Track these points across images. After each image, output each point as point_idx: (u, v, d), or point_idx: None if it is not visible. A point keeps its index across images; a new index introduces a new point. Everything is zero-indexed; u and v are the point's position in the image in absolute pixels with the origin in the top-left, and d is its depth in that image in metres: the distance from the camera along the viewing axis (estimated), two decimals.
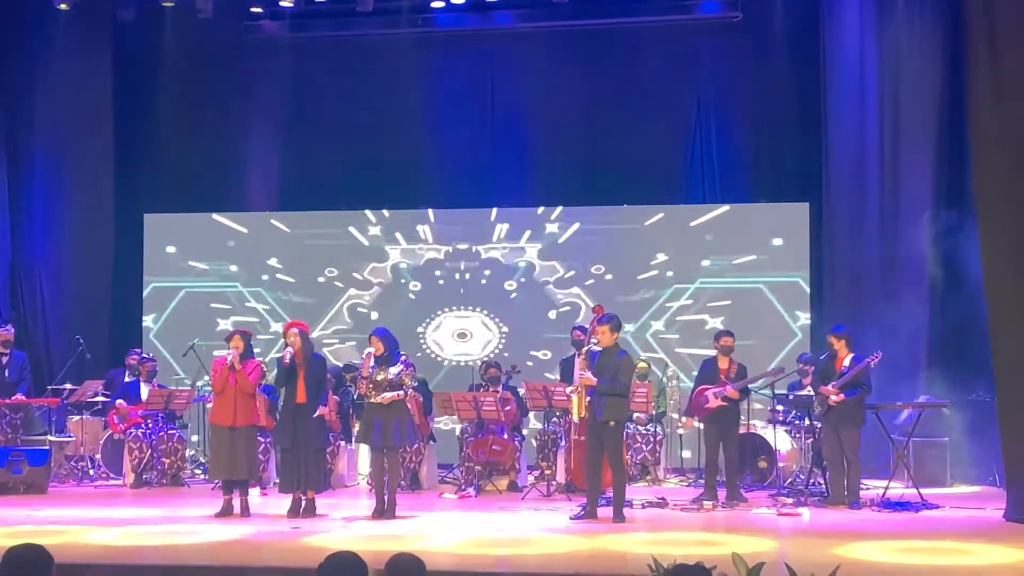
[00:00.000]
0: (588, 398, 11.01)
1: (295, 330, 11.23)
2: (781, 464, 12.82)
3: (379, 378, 11.11)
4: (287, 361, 11.05)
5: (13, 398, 13.68)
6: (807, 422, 12.67)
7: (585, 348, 11.42)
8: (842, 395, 11.60)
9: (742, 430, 12.81)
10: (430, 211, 15.97)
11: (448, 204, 16.01)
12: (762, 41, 15.37)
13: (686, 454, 14.40)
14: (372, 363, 11.15)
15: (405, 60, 16.03)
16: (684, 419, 12.77)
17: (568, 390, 11.74)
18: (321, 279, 16.01)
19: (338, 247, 16.02)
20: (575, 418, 11.70)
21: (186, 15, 15.29)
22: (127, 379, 14.18)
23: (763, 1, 15.15)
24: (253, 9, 15.95)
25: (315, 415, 11.16)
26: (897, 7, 14.25)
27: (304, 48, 16.29)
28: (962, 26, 11.88)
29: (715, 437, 12.12)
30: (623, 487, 10.87)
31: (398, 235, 15.96)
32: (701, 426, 12.66)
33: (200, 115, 16.30)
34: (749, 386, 12.36)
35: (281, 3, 15.14)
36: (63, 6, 14.73)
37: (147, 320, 16.09)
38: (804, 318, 14.96)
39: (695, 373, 12.91)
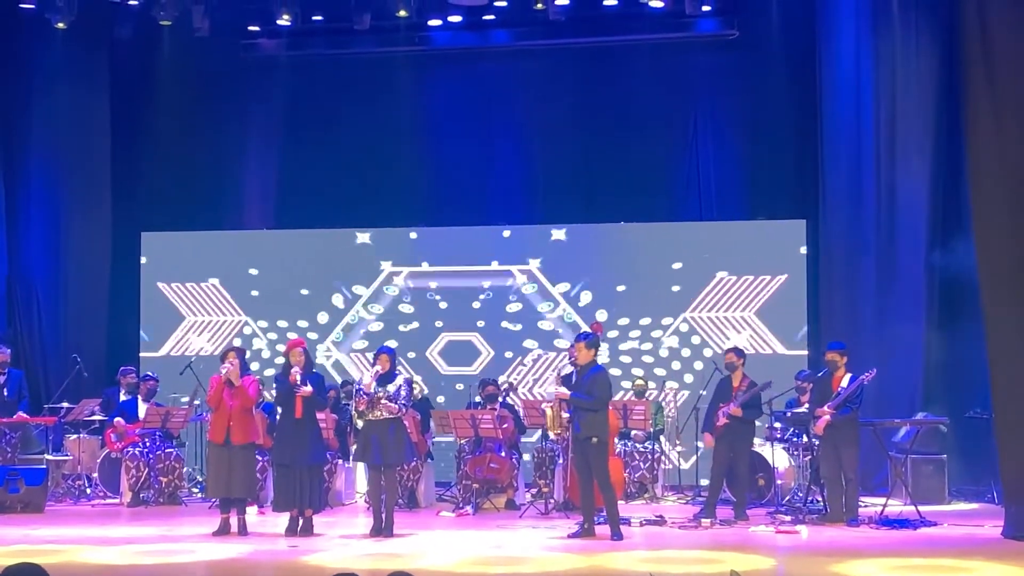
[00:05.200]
0: (568, 414, 11.07)
1: (298, 349, 11.23)
2: (779, 481, 12.80)
3: (379, 395, 11.11)
4: (297, 380, 11.01)
5: (16, 416, 13.68)
6: (805, 439, 12.66)
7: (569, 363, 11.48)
8: (827, 416, 11.59)
9: None
10: (427, 229, 15.97)
11: (445, 222, 16.01)
12: (759, 59, 15.41)
13: (683, 471, 14.39)
14: (375, 380, 11.16)
15: (402, 78, 16.09)
16: (704, 435, 12.69)
17: (543, 405, 11.86)
18: (318, 297, 15.98)
19: (335, 265, 16.01)
20: (551, 434, 11.76)
21: (183, 34, 15.32)
22: (122, 397, 14.16)
23: (760, 19, 15.18)
24: (250, 28, 15.96)
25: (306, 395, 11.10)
26: (893, 24, 14.28)
27: (301, 66, 16.32)
28: (958, 43, 11.92)
29: (723, 455, 12.09)
30: (614, 505, 10.84)
31: (395, 253, 15.94)
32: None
33: (197, 133, 16.32)
34: (760, 403, 12.29)
35: (278, 22, 15.12)
36: (60, 25, 14.74)
37: (146, 339, 16.08)
38: (801, 335, 14.94)
39: (702, 392, 12.95)
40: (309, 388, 11.08)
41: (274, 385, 11.53)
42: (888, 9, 14.27)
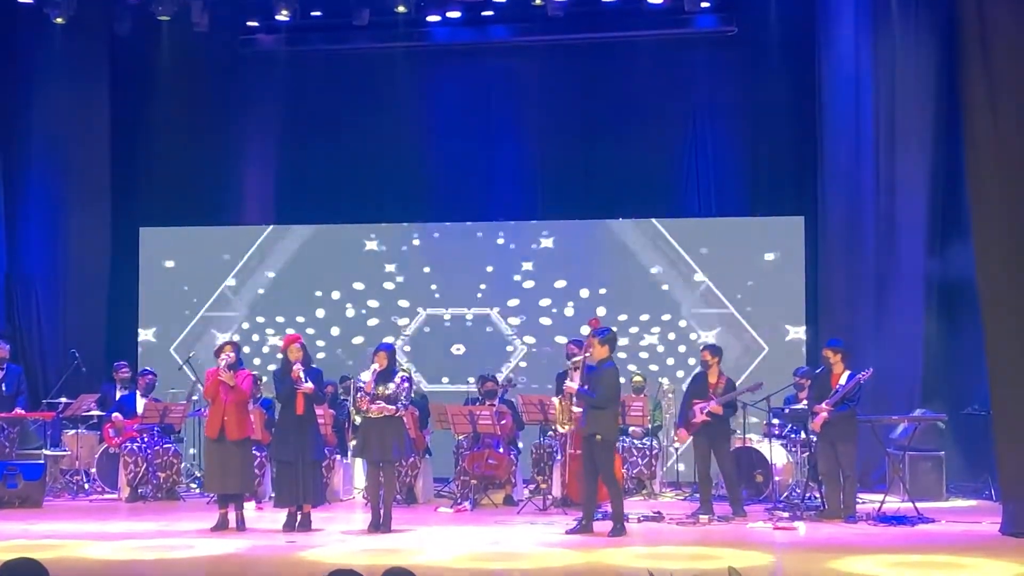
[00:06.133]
0: (579, 409, 11.07)
1: (296, 345, 11.20)
2: (777, 478, 12.81)
3: (380, 392, 11.11)
4: (301, 377, 10.99)
5: (12, 412, 13.69)
6: (803, 436, 12.67)
7: (577, 358, 11.44)
8: (824, 413, 11.60)
9: (738, 444, 12.81)
10: (426, 225, 15.97)
11: (444, 218, 16.02)
12: (757, 55, 15.41)
13: (681, 467, 14.38)
14: (374, 379, 11.16)
15: (401, 74, 16.08)
16: (679, 431, 12.72)
17: (554, 399, 11.85)
18: (317, 293, 15.98)
19: (334, 261, 16.00)
20: (560, 428, 11.74)
21: (182, 29, 15.30)
22: (118, 393, 14.18)
23: (758, 15, 15.17)
24: (249, 23, 15.95)
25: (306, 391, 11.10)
26: (892, 20, 14.28)
27: (300, 62, 16.31)
28: (957, 40, 11.90)
29: (705, 451, 12.09)
30: (620, 502, 10.84)
31: (394, 248, 15.95)
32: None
33: (196, 129, 16.31)
34: (740, 400, 12.32)
35: (277, 17, 15.11)
36: (59, 20, 14.73)
37: (146, 334, 16.07)
38: (799, 332, 14.95)
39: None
40: (311, 385, 11.08)
41: (274, 382, 11.48)
42: (887, 5, 14.26)
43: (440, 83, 16.33)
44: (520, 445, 13.46)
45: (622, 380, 13.87)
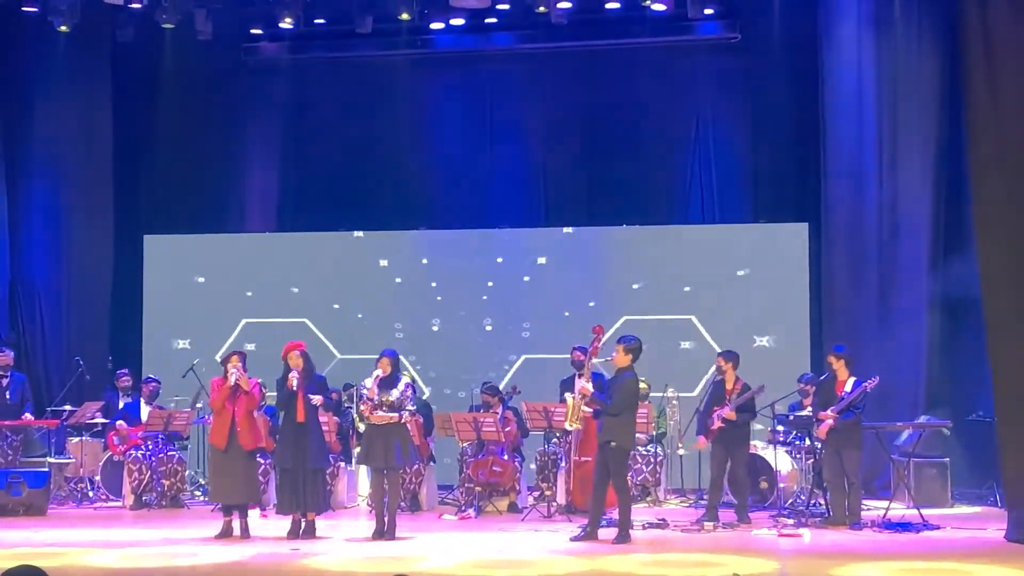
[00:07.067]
0: (589, 410, 11.09)
1: (296, 352, 11.17)
2: (782, 485, 12.78)
3: (383, 399, 11.11)
4: (293, 386, 10.98)
5: (22, 417, 13.71)
6: (808, 442, 12.66)
7: (586, 368, 11.44)
8: (830, 420, 11.59)
9: None
10: (429, 231, 15.97)
11: (447, 225, 16.03)
12: (760, 62, 15.43)
13: (686, 474, 14.36)
14: (377, 385, 11.15)
15: (404, 81, 16.13)
16: (698, 438, 12.63)
17: (567, 395, 11.86)
18: (318, 299, 15.96)
19: (336, 267, 16.00)
20: (568, 426, 11.75)
21: (185, 37, 15.32)
22: (122, 402, 14.18)
23: (761, 22, 15.19)
24: (252, 31, 15.98)
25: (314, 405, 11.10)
26: (895, 27, 14.28)
27: (303, 69, 16.34)
28: (960, 46, 11.92)
29: (720, 458, 12.10)
30: (628, 510, 10.83)
31: (396, 256, 15.93)
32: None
33: (200, 136, 16.35)
34: (755, 407, 12.31)
35: (280, 25, 15.13)
36: (63, 28, 14.75)
37: (147, 337, 16.08)
38: (803, 338, 14.91)
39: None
40: (320, 398, 11.07)
41: (276, 389, 11.47)
42: (890, 13, 14.27)
43: (443, 90, 16.37)
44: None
45: None
